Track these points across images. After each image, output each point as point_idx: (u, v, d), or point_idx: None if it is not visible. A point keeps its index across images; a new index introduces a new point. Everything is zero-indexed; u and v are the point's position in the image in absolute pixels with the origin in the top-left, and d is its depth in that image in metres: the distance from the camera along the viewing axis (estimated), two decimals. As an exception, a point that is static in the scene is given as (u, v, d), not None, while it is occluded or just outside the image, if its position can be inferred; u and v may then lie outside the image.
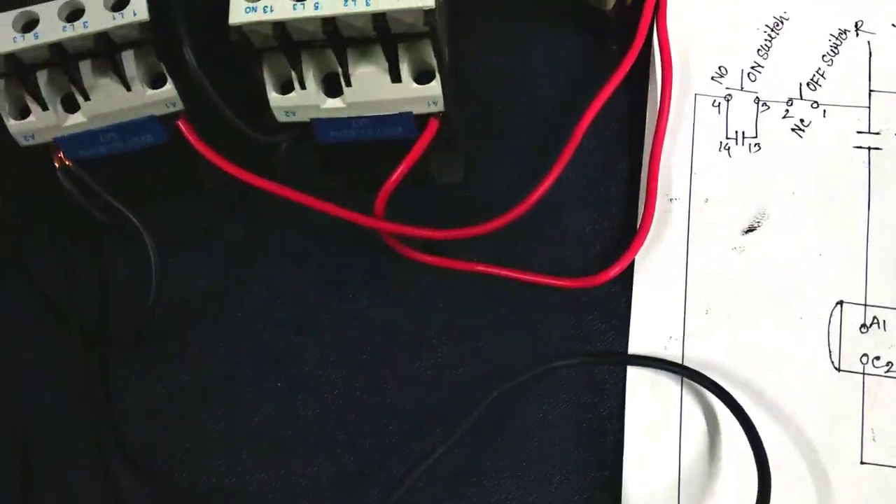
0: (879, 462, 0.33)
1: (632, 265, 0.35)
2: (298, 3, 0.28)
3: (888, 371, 0.34)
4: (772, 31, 0.38)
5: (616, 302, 0.35)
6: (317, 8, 0.28)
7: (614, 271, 0.35)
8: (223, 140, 0.32)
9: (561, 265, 0.36)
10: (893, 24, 0.37)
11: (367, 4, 0.28)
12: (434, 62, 0.30)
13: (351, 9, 0.28)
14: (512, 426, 0.35)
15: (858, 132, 0.36)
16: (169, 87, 0.31)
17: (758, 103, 0.37)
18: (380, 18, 0.28)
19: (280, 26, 0.29)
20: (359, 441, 0.35)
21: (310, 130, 0.33)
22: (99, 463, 0.35)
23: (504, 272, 0.35)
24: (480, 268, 0.35)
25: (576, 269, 0.36)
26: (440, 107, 0.31)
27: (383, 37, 0.29)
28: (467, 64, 0.38)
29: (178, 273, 0.37)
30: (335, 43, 0.29)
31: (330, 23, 0.28)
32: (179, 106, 0.32)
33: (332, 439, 0.35)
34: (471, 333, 0.36)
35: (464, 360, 0.35)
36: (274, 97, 0.31)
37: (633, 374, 0.35)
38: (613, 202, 0.37)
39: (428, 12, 0.28)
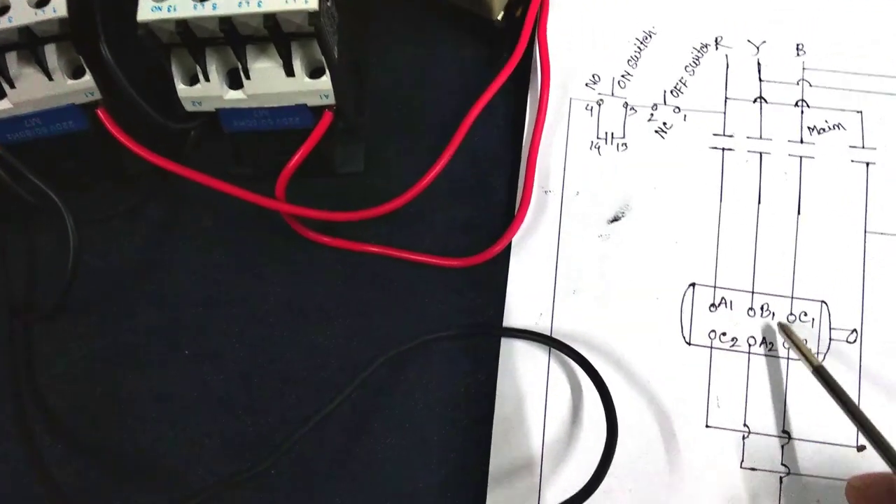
0: (722, 426, 0.38)
1: (509, 248, 0.39)
2: (199, 4, 0.32)
3: (733, 346, 0.38)
4: (641, 43, 0.42)
5: (495, 281, 0.39)
6: (214, 8, 0.32)
7: (492, 253, 0.39)
8: (142, 129, 0.36)
9: (448, 247, 0.40)
10: (749, 40, 0.42)
11: (259, 6, 0.32)
12: (323, 59, 0.34)
13: (244, 9, 0.32)
14: (398, 391, 0.38)
15: (715, 135, 0.41)
16: (87, 78, 0.35)
17: (626, 108, 0.41)
18: (270, 19, 0.32)
19: (183, 24, 0.32)
20: (260, 404, 0.38)
21: (216, 120, 0.36)
22: (21, 421, 0.38)
23: (394, 252, 0.39)
24: (373, 248, 0.39)
25: (461, 251, 0.40)
26: (331, 100, 0.35)
27: (275, 35, 0.33)
28: (375, 65, 0.43)
29: (100, 250, 0.40)
30: (233, 40, 0.33)
31: (226, 21, 0.32)
32: (98, 95, 0.36)
33: (235, 403, 0.38)
34: (364, 308, 0.39)
35: (357, 333, 0.39)
36: (181, 88, 0.35)
37: (506, 345, 0.38)
38: (497, 192, 0.41)
39: (312, 14, 0.32)
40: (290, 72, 0.34)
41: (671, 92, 0.41)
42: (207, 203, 0.40)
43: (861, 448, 0.37)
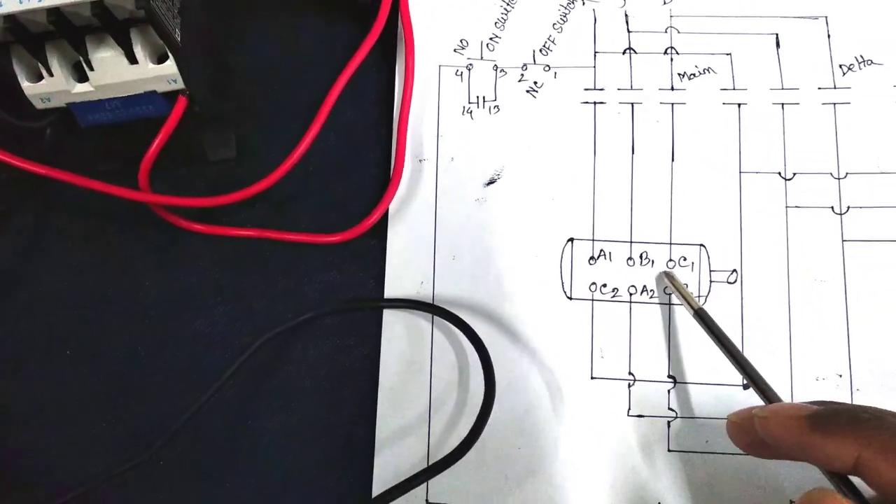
0: (607, 376, 0.37)
1: (386, 220, 0.39)
2: (25, -2, 0.32)
3: (614, 296, 0.38)
4: (507, 5, 0.42)
5: (374, 254, 0.39)
6: (40, 1, 0.32)
7: (366, 225, 0.39)
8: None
9: (326, 225, 0.40)
10: (615, -8, 0.42)
11: (85, -6, 0.31)
12: (163, 43, 0.34)
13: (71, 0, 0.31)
14: (282, 372, 0.38)
15: (586, 89, 0.41)
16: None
17: (496, 70, 0.41)
18: (97, 6, 0.32)
19: (11, 19, 0.32)
20: (144, 399, 0.38)
21: (70, 116, 0.36)
22: None
23: (269, 234, 0.39)
24: (247, 232, 0.39)
25: (339, 227, 0.39)
26: (180, 84, 0.35)
27: (109, 23, 0.33)
28: (239, 47, 0.42)
29: (-31, 260, 0.40)
30: (68, 32, 0.33)
31: (55, 13, 0.32)
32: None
33: (117, 401, 0.38)
34: (243, 292, 0.39)
35: (238, 317, 0.39)
36: (27, 86, 0.35)
37: (389, 316, 0.38)
38: (371, 165, 0.40)
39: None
40: (132, 59, 0.34)
41: (540, 51, 0.41)
42: (77, 201, 0.39)
43: (747, 386, 0.37)
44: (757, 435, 0.29)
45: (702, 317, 0.35)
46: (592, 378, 0.37)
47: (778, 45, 0.40)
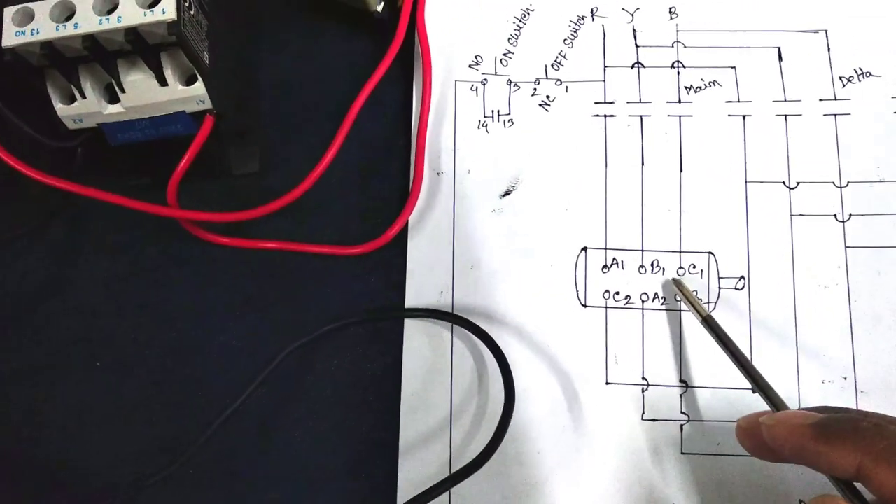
0: (622, 381, 0.39)
1: (406, 232, 0.41)
2: (61, 25, 0.33)
3: (627, 303, 0.40)
4: (520, 21, 0.43)
5: (395, 265, 0.41)
6: (76, 27, 0.33)
7: (388, 237, 0.40)
8: (29, 150, 0.37)
9: (348, 235, 0.41)
10: (623, 9, 0.43)
11: (119, 21, 0.33)
12: (192, 66, 0.35)
13: (105, 26, 0.33)
14: (307, 381, 0.39)
15: (596, 103, 0.42)
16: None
17: (510, 85, 0.43)
18: (131, 33, 0.33)
19: (48, 45, 0.33)
20: (173, 408, 0.39)
21: (101, 134, 0.37)
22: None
23: (293, 246, 0.40)
24: (271, 245, 0.40)
25: (360, 237, 0.41)
26: (209, 104, 0.36)
27: (141, 48, 0.34)
28: (262, 65, 0.43)
29: (4, 270, 0.41)
30: (101, 56, 0.34)
31: (89, 39, 0.33)
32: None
33: (148, 409, 0.39)
34: (269, 304, 0.40)
35: (264, 328, 0.40)
36: (60, 107, 0.36)
37: (410, 325, 0.40)
38: (392, 177, 0.42)
39: (171, 24, 0.33)
40: (162, 81, 0.35)
41: (552, 66, 0.42)
42: (108, 216, 0.41)
43: (755, 389, 0.38)
44: (764, 440, 0.30)
45: (710, 324, 0.37)
46: (607, 383, 0.39)
47: (780, 58, 0.42)
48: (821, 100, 0.41)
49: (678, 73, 0.42)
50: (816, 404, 0.37)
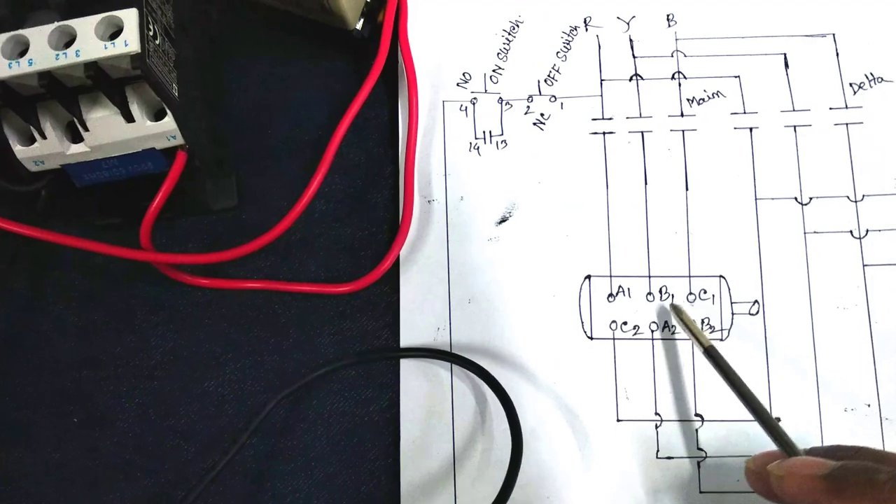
0: (634, 418, 0.37)
1: (397, 266, 0.38)
2: (14, 62, 0.30)
3: (635, 334, 0.37)
4: (509, 34, 0.41)
5: (387, 301, 0.38)
6: (31, 64, 0.30)
7: (378, 273, 0.37)
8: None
9: (335, 270, 0.38)
10: (618, 17, 0.41)
11: (78, 55, 0.30)
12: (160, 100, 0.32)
13: (63, 62, 0.30)
14: (299, 429, 0.37)
15: (594, 119, 0.40)
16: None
17: (501, 103, 0.40)
18: (91, 67, 0.30)
19: (1, 85, 0.30)
20: (156, 464, 0.37)
21: (66, 174, 0.34)
22: None
23: (277, 286, 0.38)
24: (254, 284, 0.38)
25: (349, 273, 0.38)
26: (180, 140, 0.34)
27: (103, 83, 0.31)
28: (236, 91, 0.41)
29: (-33, 326, 0.38)
30: (60, 94, 0.31)
31: (46, 76, 0.30)
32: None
33: (129, 465, 0.37)
34: (254, 347, 0.38)
35: (250, 374, 0.37)
36: (19, 150, 0.33)
37: (406, 366, 0.37)
38: (380, 208, 0.39)
39: (135, 57, 0.30)
40: (129, 117, 0.32)
41: (545, 81, 0.40)
42: (76, 260, 0.38)
43: (777, 420, 0.36)
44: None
45: (712, 355, 0.34)
46: (618, 420, 0.36)
47: (787, 65, 0.40)
48: (831, 108, 0.39)
49: (679, 84, 0.39)
50: (839, 434, 0.35)
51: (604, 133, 0.39)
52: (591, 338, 0.37)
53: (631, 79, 0.40)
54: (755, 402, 0.32)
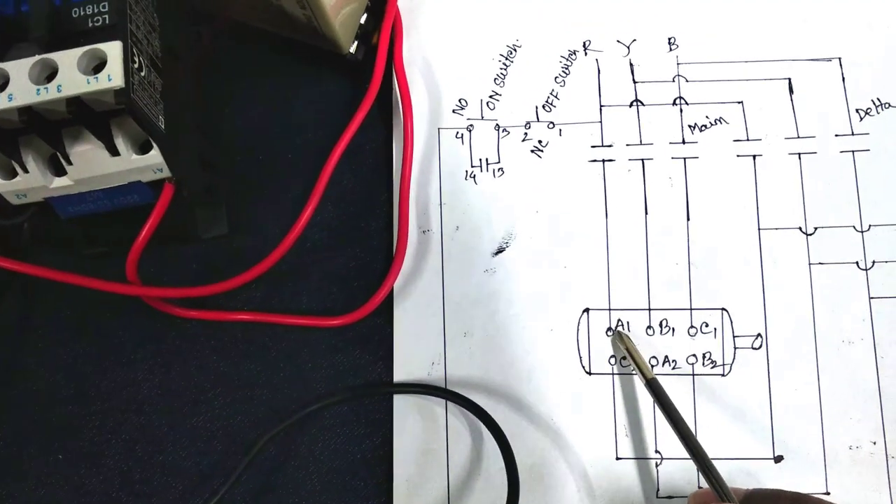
0: (633, 455, 0.36)
1: (391, 298, 0.37)
2: (-7, 97, 0.29)
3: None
4: (506, 59, 0.40)
5: (381, 335, 0.37)
6: (10, 99, 0.29)
7: (372, 306, 0.36)
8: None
9: (328, 301, 0.37)
10: (618, 41, 0.40)
11: (59, 90, 0.29)
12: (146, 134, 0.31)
13: (43, 97, 0.29)
14: (290, 467, 0.36)
15: (593, 147, 0.39)
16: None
17: (498, 130, 0.39)
18: (74, 102, 0.29)
19: (-21, 120, 0.29)
20: (143, 501, 0.36)
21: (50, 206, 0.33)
22: None
23: (269, 318, 0.37)
24: (245, 316, 0.37)
25: (342, 304, 0.37)
26: (167, 172, 0.33)
27: (86, 117, 0.30)
28: (228, 117, 0.40)
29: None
30: (41, 128, 0.30)
31: (26, 112, 0.29)
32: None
33: (116, 503, 0.36)
34: (244, 383, 0.37)
35: (239, 410, 0.37)
36: (0, 184, 0.32)
37: (400, 402, 0.36)
38: (374, 238, 0.38)
39: (119, 92, 0.29)
40: (113, 151, 0.31)
41: (543, 107, 0.39)
42: (62, 292, 0.37)
43: (778, 459, 0.35)
44: None
45: (653, 387, 0.33)
46: (618, 458, 0.35)
47: (791, 90, 0.38)
48: (837, 135, 0.38)
49: (681, 110, 0.38)
50: (844, 472, 0.35)
51: (603, 161, 0.38)
52: (590, 373, 0.36)
53: (631, 104, 0.39)
54: (692, 439, 0.31)
